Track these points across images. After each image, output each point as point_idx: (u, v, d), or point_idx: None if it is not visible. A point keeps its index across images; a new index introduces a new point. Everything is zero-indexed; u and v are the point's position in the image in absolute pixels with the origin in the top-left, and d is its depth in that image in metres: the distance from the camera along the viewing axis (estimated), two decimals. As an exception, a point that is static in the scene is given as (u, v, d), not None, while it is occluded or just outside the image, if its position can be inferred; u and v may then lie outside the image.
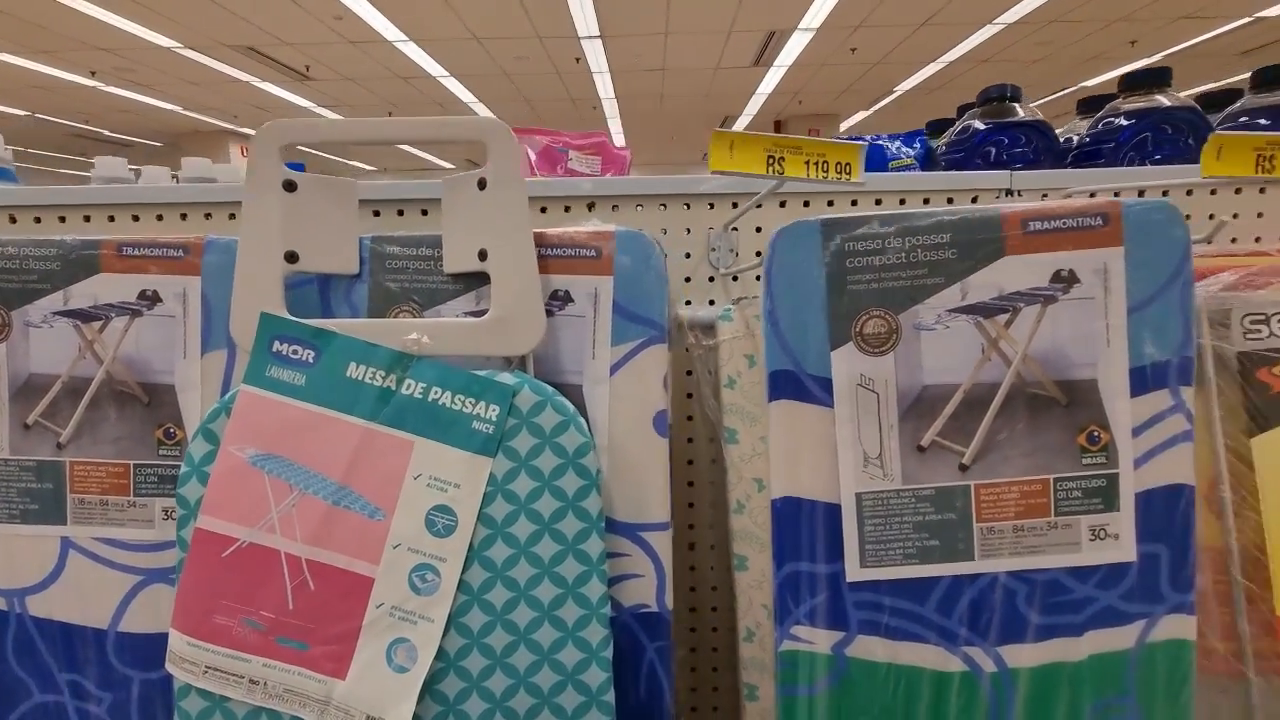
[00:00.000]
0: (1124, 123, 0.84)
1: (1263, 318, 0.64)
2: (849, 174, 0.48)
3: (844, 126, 11.56)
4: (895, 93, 9.83)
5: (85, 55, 6.85)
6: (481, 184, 0.56)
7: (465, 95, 9.06)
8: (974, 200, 0.74)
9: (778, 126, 11.57)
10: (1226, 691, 0.62)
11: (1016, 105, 0.86)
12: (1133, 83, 0.86)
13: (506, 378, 0.55)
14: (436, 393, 0.54)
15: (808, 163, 0.48)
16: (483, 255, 0.56)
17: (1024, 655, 0.51)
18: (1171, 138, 0.83)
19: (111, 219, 0.76)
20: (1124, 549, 0.51)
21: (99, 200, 0.76)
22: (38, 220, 0.76)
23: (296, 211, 0.57)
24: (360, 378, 0.54)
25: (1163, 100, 0.84)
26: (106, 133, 10.77)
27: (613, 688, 0.55)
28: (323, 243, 0.58)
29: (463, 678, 0.54)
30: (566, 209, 0.75)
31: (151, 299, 0.61)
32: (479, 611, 0.54)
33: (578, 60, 7.44)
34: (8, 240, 0.61)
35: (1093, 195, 0.76)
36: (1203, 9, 6.09)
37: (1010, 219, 0.49)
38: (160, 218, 0.76)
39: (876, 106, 10.73)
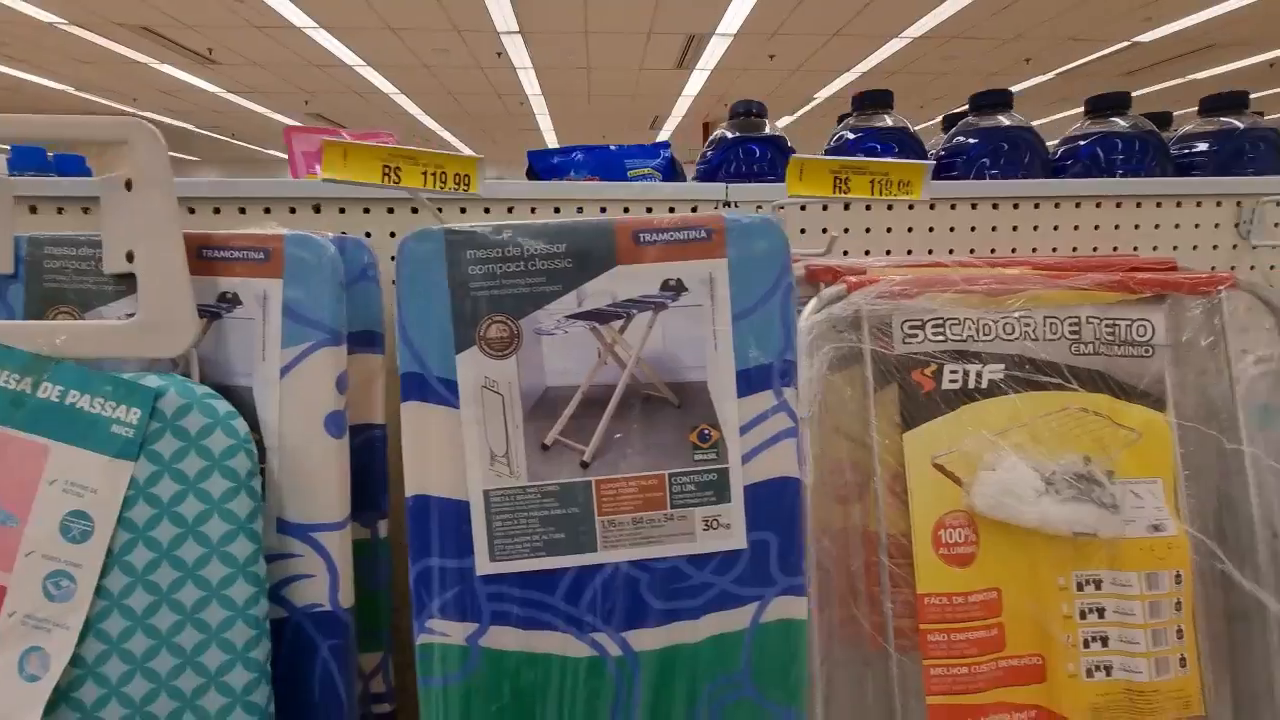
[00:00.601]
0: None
1: (919, 323, 0.70)
2: (467, 185, 0.50)
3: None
4: (814, 100, 10.13)
5: (-49, 27, 6.30)
6: (128, 185, 0.55)
7: (386, 86, 8.80)
8: (694, 210, 0.79)
9: (706, 129, 11.72)
10: (871, 665, 0.68)
11: (764, 120, 0.91)
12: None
13: (152, 380, 0.55)
14: (75, 396, 0.54)
15: (425, 173, 0.50)
16: (130, 257, 0.55)
17: (647, 639, 0.55)
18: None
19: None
20: (735, 537, 0.55)
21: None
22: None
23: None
24: (-11, 381, 0.53)
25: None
26: (-13, 112, 9.88)
27: (265, 687, 0.56)
28: (-30, 241, 0.57)
29: (100, 684, 0.53)
30: (292, 210, 0.75)
31: None
32: (118, 617, 0.54)
33: (499, 55, 7.34)
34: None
35: (796, 207, 0.82)
36: (1087, 32, 6.53)
37: (622, 230, 0.53)
38: None
39: (799, 113, 11.02)
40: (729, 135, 0.89)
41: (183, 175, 0.63)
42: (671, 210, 0.78)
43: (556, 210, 0.73)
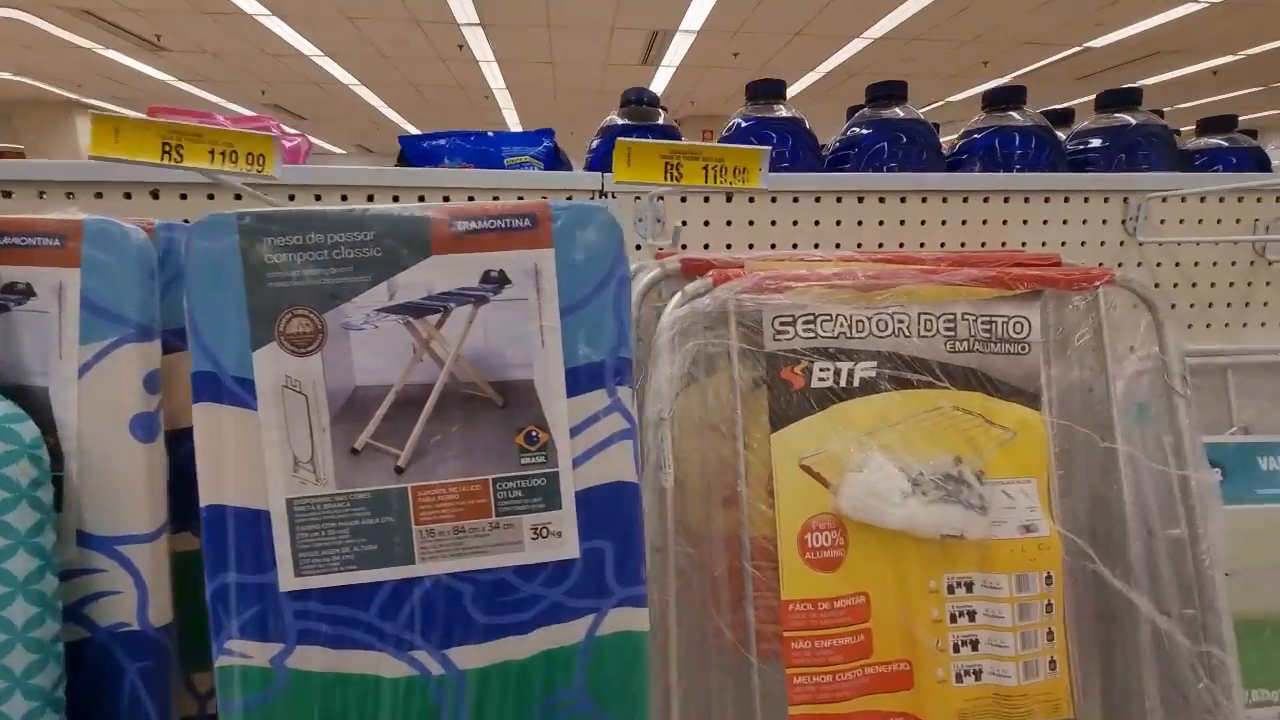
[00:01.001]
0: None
1: (790, 320, 0.68)
2: (261, 166, 0.46)
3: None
4: (782, 99, 10.12)
5: (-127, 6, 5.99)
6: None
7: (345, 77, 8.62)
8: (568, 199, 0.75)
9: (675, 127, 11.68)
10: (734, 674, 0.65)
11: (656, 109, 0.88)
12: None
13: (-85, 380, 0.49)
14: None
15: (213, 152, 0.46)
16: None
17: (472, 656, 0.51)
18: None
19: None
20: (567, 546, 0.52)
21: None
22: None
23: None
24: None
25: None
26: (-82, 97, 9.48)
27: (52, 716, 0.51)
28: None
29: None
30: (127, 195, 0.70)
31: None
32: (-124, 642, 0.48)
33: (460, 48, 7.23)
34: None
35: (699, 199, 0.79)
36: (1042, 36, 6.67)
37: (438, 218, 0.49)
38: None
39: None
40: (618, 122, 0.85)
41: None
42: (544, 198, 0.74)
43: (396, 198, 0.69)
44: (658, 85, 8.98)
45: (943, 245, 0.83)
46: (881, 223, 0.81)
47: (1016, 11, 5.97)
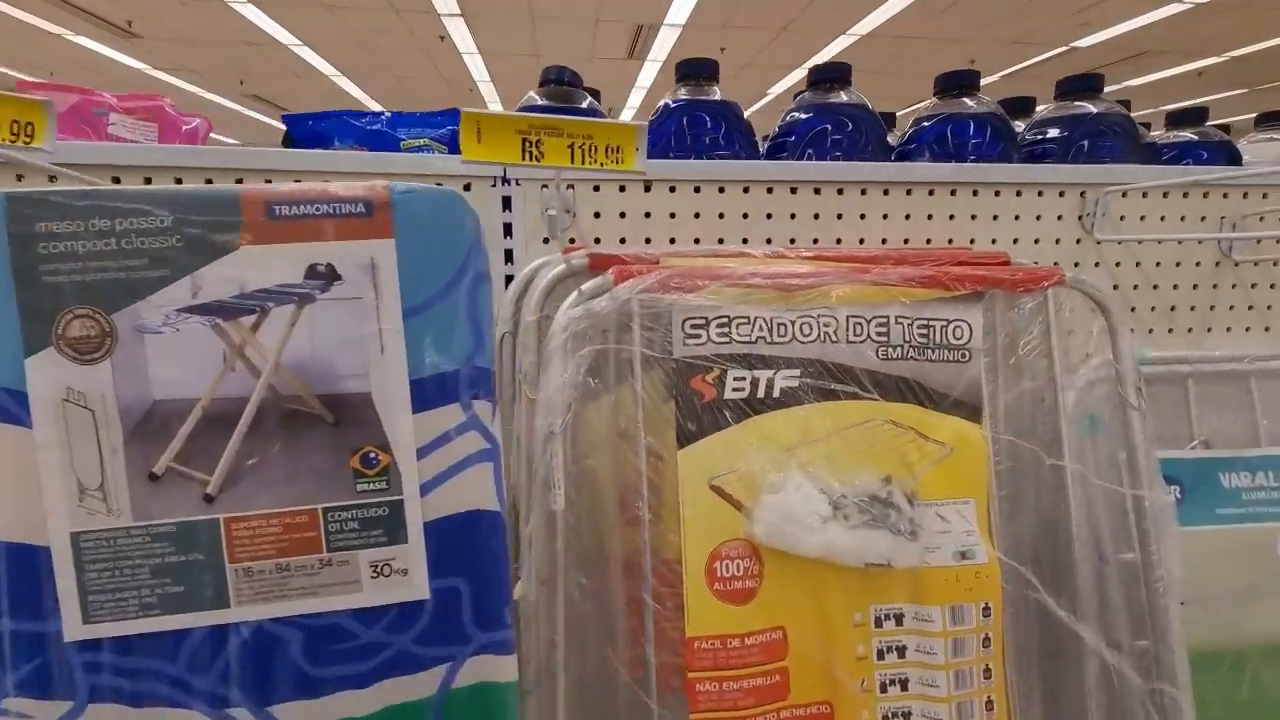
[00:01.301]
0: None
1: (702, 323, 0.61)
2: (30, 137, 0.38)
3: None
4: (769, 95, 10.14)
5: None
6: None
7: (326, 68, 8.49)
8: (466, 188, 0.67)
9: (663, 122, 11.64)
10: (631, 718, 0.58)
11: (577, 90, 0.80)
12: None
13: None
14: None
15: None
16: None
17: (301, 715, 0.44)
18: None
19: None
20: (415, 586, 0.44)
21: None
22: None
23: None
24: None
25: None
26: (-120, 83, 9.27)
27: None
28: None
29: None
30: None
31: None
32: None
33: (442, 39, 7.13)
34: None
35: (615, 187, 0.71)
36: (1028, 35, 6.65)
37: (252, 201, 0.41)
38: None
39: (755, 107, 11.03)
40: (537, 102, 0.78)
41: None
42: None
43: (208, 181, 0.61)
44: (645, 80, 8.91)
45: (884, 242, 0.76)
46: (817, 216, 0.74)
47: (1000, 10, 5.95)
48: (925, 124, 0.83)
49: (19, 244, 0.40)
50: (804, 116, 0.80)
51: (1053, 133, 0.85)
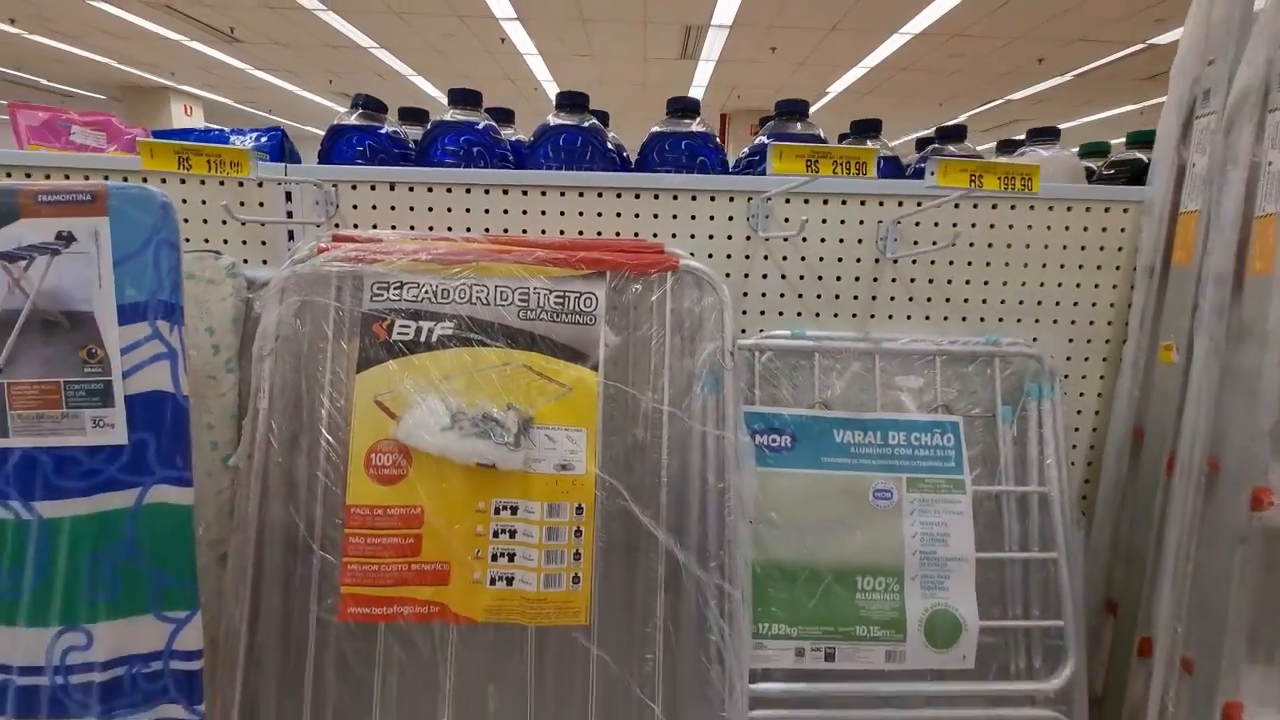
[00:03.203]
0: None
1: (385, 285, 0.85)
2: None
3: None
4: (829, 94, 9.98)
5: (1, 4, 6.82)
6: None
7: (402, 68, 9.06)
8: (281, 185, 0.94)
9: (723, 120, 11.65)
10: (301, 557, 0.83)
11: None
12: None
13: None
14: None
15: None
16: None
17: (50, 508, 0.71)
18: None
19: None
20: (119, 435, 0.71)
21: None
22: None
23: None
24: None
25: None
26: (44, 82, 10.64)
27: None
28: None
29: None
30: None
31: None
32: None
33: (503, 40, 7.50)
34: None
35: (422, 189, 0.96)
36: (1094, 32, 6.33)
37: (26, 191, 0.69)
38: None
39: (815, 107, 10.85)
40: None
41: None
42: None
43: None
44: (700, 78, 8.99)
45: (580, 233, 0.97)
46: (544, 213, 0.96)
47: (1058, 8, 5.70)
48: (654, 142, 1.03)
49: (-102, 214, 0.69)
50: (548, 135, 1.02)
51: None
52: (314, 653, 0.80)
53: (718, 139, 1.02)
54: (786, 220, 0.95)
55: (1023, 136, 1.24)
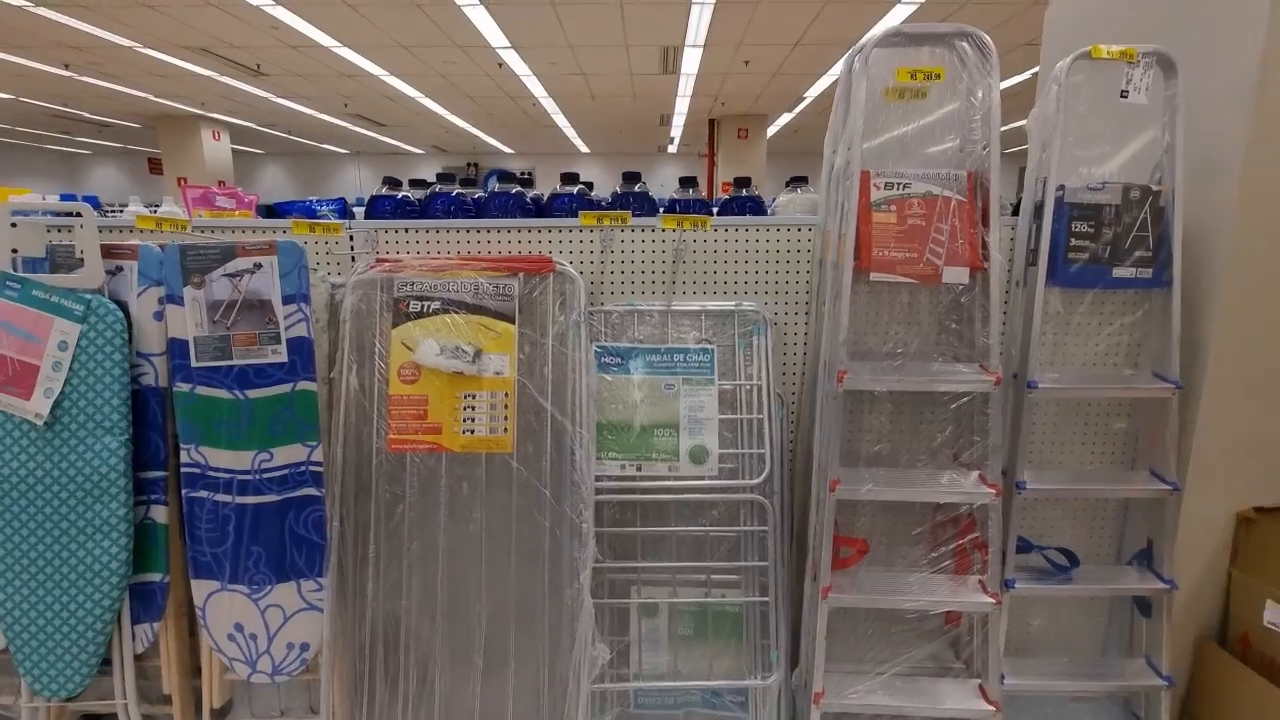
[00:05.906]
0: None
1: (406, 283, 1.64)
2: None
3: (771, 129, 12.38)
4: (806, 99, 10.65)
5: (59, 52, 7.75)
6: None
7: (411, 92, 9.85)
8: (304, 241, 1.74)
9: (712, 125, 12.33)
10: (368, 422, 1.63)
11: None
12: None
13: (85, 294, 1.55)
14: (56, 296, 1.55)
15: None
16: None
17: (253, 394, 1.52)
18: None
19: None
20: (282, 357, 1.52)
21: None
22: None
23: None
24: (35, 293, 1.55)
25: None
26: (86, 114, 11.61)
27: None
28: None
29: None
30: None
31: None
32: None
33: (500, 65, 8.27)
34: None
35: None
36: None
37: (239, 243, 1.50)
38: None
39: (798, 109, 11.51)
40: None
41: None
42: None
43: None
44: (685, 89, 9.68)
45: (510, 253, 1.76)
46: (490, 242, 1.75)
47: (1010, 9, 6.23)
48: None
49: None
50: (494, 197, 1.81)
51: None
52: (375, 464, 1.60)
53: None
54: (622, 241, 1.74)
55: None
